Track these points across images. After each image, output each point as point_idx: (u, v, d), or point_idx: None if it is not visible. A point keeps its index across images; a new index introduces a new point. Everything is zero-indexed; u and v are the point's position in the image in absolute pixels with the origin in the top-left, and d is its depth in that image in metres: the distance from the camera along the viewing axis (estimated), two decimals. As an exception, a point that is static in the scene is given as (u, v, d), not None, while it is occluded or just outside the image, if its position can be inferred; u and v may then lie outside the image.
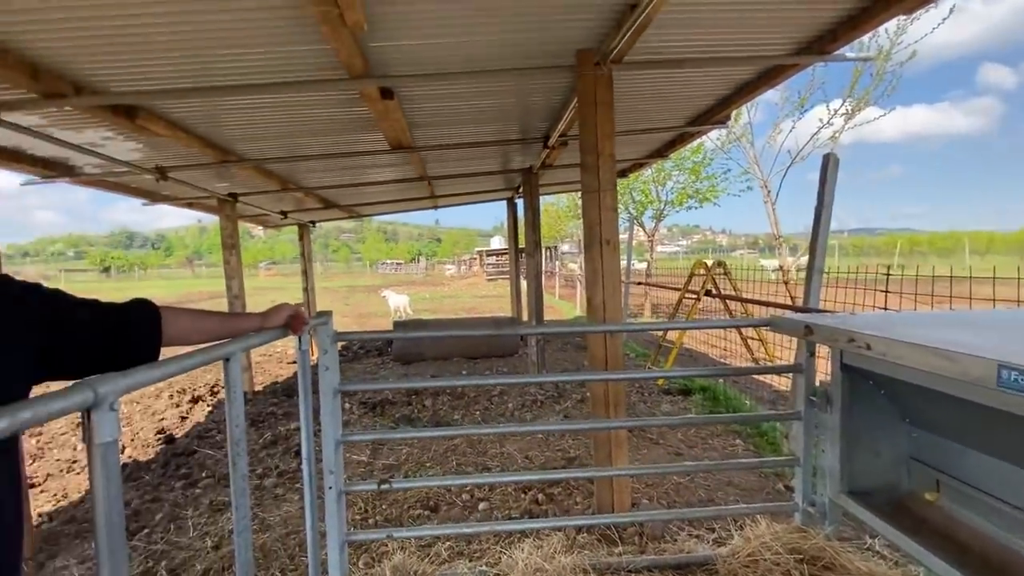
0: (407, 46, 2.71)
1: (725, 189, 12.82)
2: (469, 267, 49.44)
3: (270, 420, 5.18)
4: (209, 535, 2.97)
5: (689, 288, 6.25)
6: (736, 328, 6.45)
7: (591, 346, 2.73)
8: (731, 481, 3.46)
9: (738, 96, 4.21)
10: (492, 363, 7.56)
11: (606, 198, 2.66)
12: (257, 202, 6.91)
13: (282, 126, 3.96)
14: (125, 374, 0.85)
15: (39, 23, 2.12)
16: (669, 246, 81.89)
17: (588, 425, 1.97)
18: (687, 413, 5.01)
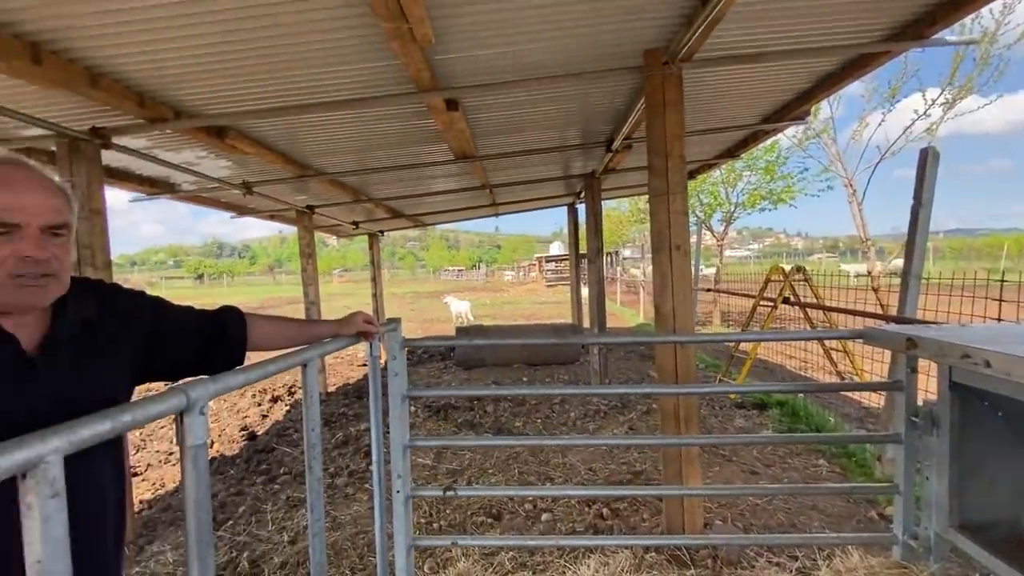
0: (472, 57, 2.75)
1: (802, 189, 12.00)
2: (528, 273, 49.59)
3: (341, 421, 5.41)
4: (286, 530, 3.13)
5: (765, 296, 5.88)
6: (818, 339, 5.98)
7: (660, 357, 2.61)
8: (815, 505, 3.19)
9: (819, 89, 3.92)
10: (553, 370, 7.49)
11: (676, 201, 2.55)
12: (331, 213, 7.30)
13: (355, 140, 4.15)
14: (214, 379, 0.90)
15: (146, 55, 2.35)
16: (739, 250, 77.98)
17: (659, 440, 1.87)
18: (763, 429, 4.69)
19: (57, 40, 2.14)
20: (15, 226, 0.85)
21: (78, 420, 0.65)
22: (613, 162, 5.38)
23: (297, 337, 1.42)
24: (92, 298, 1.03)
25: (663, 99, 2.60)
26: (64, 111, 2.85)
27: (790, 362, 7.66)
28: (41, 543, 0.58)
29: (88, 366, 0.96)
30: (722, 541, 2.28)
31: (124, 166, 4.25)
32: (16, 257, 0.84)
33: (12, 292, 0.85)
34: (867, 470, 3.69)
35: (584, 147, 5.06)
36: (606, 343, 6.44)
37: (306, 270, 7.08)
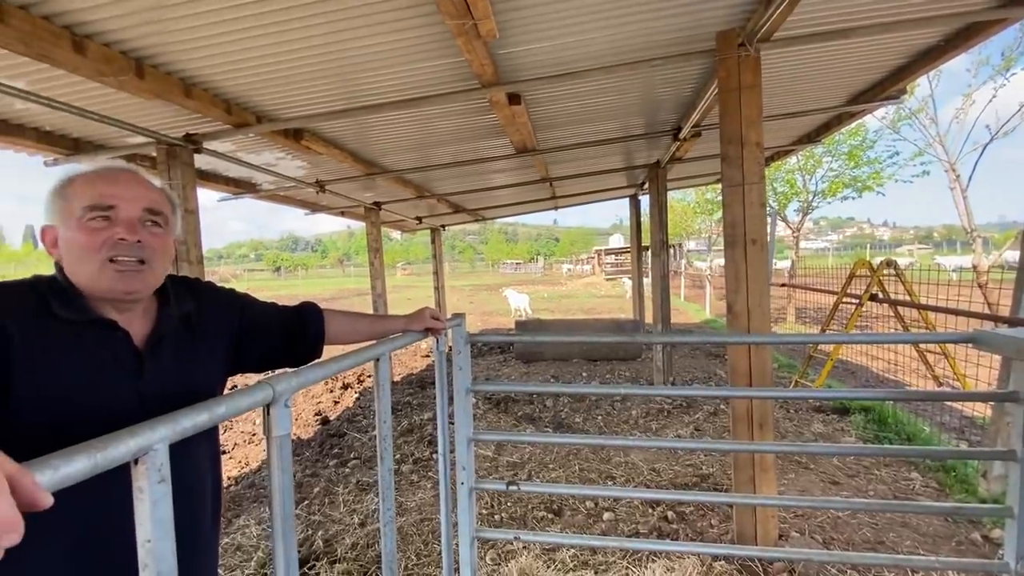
0: (535, 49, 2.71)
1: (892, 175, 10.97)
2: (588, 266, 48.95)
3: (406, 409, 5.61)
4: (356, 512, 3.29)
5: (848, 291, 5.43)
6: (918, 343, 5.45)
7: (732, 358, 2.48)
8: (906, 522, 2.92)
9: (917, 65, 3.55)
10: (614, 366, 7.35)
11: (751, 192, 2.40)
12: (396, 209, 7.55)
13: (419, 138, 4.25)
14: (297, 373, 0.94)
15: (232, 64, 2.52)
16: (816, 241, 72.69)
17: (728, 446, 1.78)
18: (845, 435, 4.36)
19: (157, 55, 2.34)
20: (111, 208, 0.91)
21: (180, 411, 0.69)
22: (680, 151, 5.16)
23: (369, 331, 1.47)
24: (189, 294, 1.10)
25: (738, 83, 2.45)
26: (162, 120, 3.12)
27: (875, 364, 7.06)
28: (151, 524, 0.63)
29: (188, 359, 1.04)
30: (803, 556, 2.14)
31: (213, 168, 4.61)
32: (112, 241, 0.90)
33: (111, 278, 0.90)
34: (969, 487, 3.33)
35: (649, 136, 4.89)
36: (671, 342, 6.22)
37: (373, 264, 7.38)
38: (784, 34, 2.65)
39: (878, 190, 11.19)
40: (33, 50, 1.93)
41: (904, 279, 5.17)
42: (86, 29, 2.06)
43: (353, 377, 7.45)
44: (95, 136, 3.45)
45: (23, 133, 3.12)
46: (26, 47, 1.90)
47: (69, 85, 2.52)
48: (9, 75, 2.36)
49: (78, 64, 2.09)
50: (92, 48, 2.10)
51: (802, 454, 3.72)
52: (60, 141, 3.36)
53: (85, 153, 3.51)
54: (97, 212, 0.90)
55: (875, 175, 10.98)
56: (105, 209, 0.91)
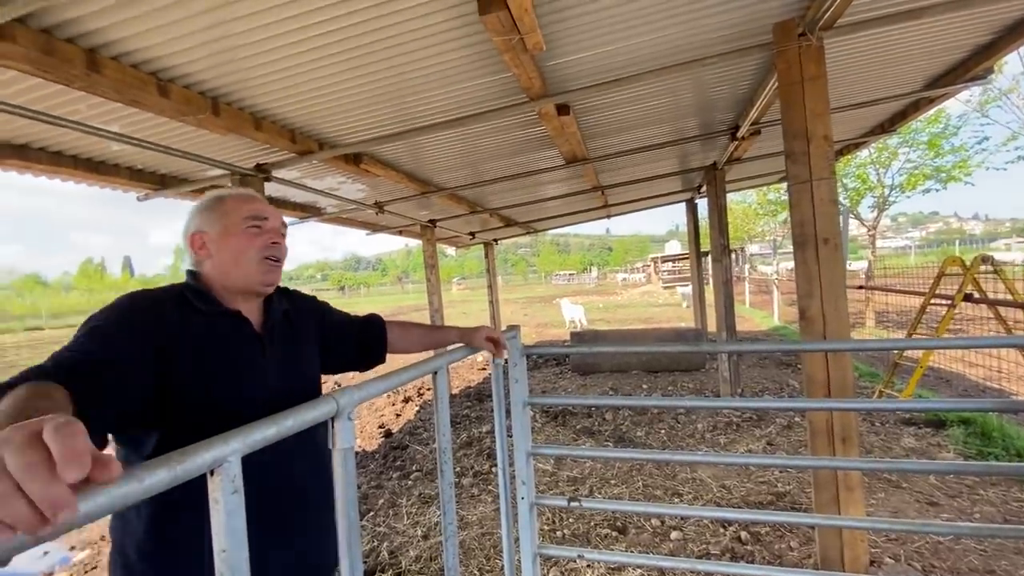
0: (582, 59, 2.70)
1: (982, 163, 9.98)
2: (642, 275, 47.79)
3: (465, 422, 5.65)
4: (419, 525, 3.33)
5: (937, 292, 4.96)
6: (1015, 343, 4.88)
7: (808, 367, 2.31)
8: (1020, 548, 2.59)
9: (1004, 42, 3.23)
10: (676, 377, 7.08)
11: (821, 189, 2.25)
12: (451, 226, 7.72)
13: (470, 155, 4.33)
14: (359, 388, 0.97)
15: (296, 96, 2.68)
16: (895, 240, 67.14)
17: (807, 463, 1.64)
18: (942, 451, 3.94)
19: (230, 93, 2.53)
20: (264, 219, 1.18)
21: (251, 425, 0.72)
22: (738, 151, 4.95)
23: (428, 342, 1.59)
24: (284, 296, 1.30)
25: (800, 75, 2.31)
26: (235, 152, 3.37)
27: (973, 371, 6.37)
28: (225, 534, 0.66)
29: (295, 350, 1.23)
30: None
31: (282, 195, 4.91)
32: (268, 243, 1.16)
33: (263, 270, 1.15)
34: (1101, 511, 2.91)
35: (704, 138, 4.73)
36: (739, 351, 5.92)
37: (430, 280, 7.56)
38: (848, 20, 2.50)
39: (966, 180, 10.21)
40: (125, 96, 2.14)
41: (1004, 276, 4.65)
42: (169, 74, 2.26)
43: (413, 390, 7.62)
44: (178, 171, 3.78)
45: (118, 172, 3.46)
46: (119, 94, 2.12)
47: (155, 126, 2.77)
48: (105, 120, 2.63)
49: (163, 107, 2.30)
50: (174, 91, 2.30)
51: (892, 471, 3.39)
52: (149, 177, 3.70)
53: (171, 187, 3.85)
54: (256, 221, 1.16)
55: (961, 164, 10.04)
56: (261, 220, 1.17)
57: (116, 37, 1.93)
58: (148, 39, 1.97)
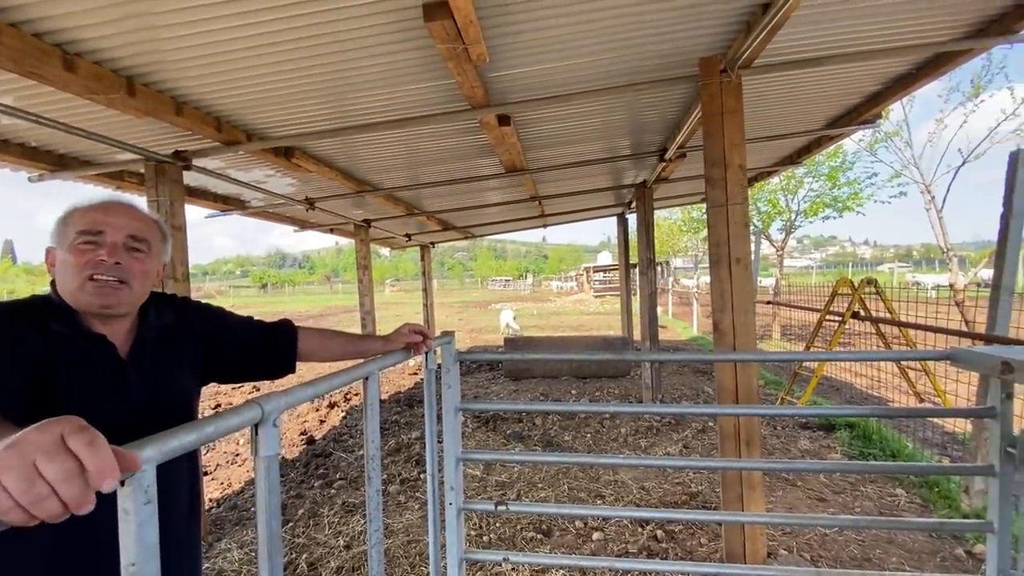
0: (524, 73, 2.78)
1: (870, 196, 11.28)
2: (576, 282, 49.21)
3: (394, 428, 5.54)
4: (342, 534, 3.22)
5: (830, 309, 5.53)
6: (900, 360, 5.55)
7: (719, 376, 2.51)
8: (892, 538, 2.94)
9: (890, 92, 3.69)
10: (603, 383, 7.36)
11: (735, 213, 2.46)
12: (386, 227, 7.56)
13: (409, 157, 4.29)
14: (286, 393, 0.94)
15: (224, 84, 2.54)
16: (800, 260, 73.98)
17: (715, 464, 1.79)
18: (830, 452, 4.39)
19: (149, 74, 2.35)
20: (100, 233, 1.03)
21: (168, 432, 0.69)
22: (665, 171, 5.27)
23: (343, 351, 1.51)
24: (168, 308, 1.21)
25: (721, 108, 2.52)
26: (151, 136, 3.12)
27: (859, 380, 7.15)
28: (136, 547, 0.62)
29: (167, 367, 1.14)
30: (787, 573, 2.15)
31: (202, 185, 4.59)
32: (94, 261, 1.02)
33: (89, 293, 1.01)
34: (953, 503, 3.37)
35: (635, 157, 4.99)
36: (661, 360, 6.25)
37: (362, 281, 7.35)
38: (764, 61, 2.75)
39: (858, 210, 11.48)
40: (22, 67, 1.93)
41: (884, 297, 5.29)
42: (78, 47, 2.07)
43: (340, 396, 7.35)
44: (82, 152, 3.43)
45: (7, 148, 3.09)
46: (15, 64, 1.91)
47: (58, 101, 2.51)
48: (-4, 91, 2.35)
49: (68, 81, 2.10)
50: (83, 66, 2.10)
51: (789, 471, 3.74)
52: (45, 157, 3.33)
53: (71, 169, 3.49)
54: (87, 236, 1.03)
55: (855, 196, 11.28)
56: (94, 234, 1.03)
57: (17, 2, 1.74)
58: (55, 7, 1.80)
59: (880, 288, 5.32)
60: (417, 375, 8.96)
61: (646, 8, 2.26)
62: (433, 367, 1.98)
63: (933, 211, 7.74)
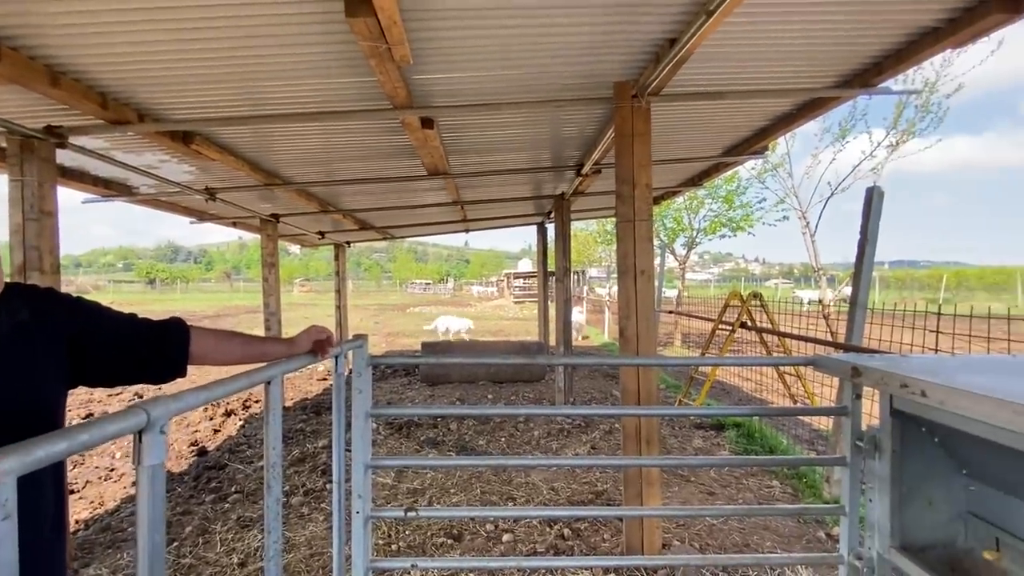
0: (448, 78, 2.79)
1: (760, 218, 12.59)
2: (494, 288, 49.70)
3: (298, 437, 5.24)
4: (236, 551, 3.00)
5: (723, 320, 6.09)
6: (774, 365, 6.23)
7: (623, 379, 2.67)
8: (768, 526, 3.29)
9: (776, 128, 4.16)
10: (518, 388, 7.49)
11: (641, 228, 2.64)
12: (297, 223, 7.16)
13: (326, 152, 4.12)
14: (175, 398, 0.88)
15: (113, 56, 2.29)
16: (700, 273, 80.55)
17: (620, 461, 1.91)
18: (720, 449, 4.82)
19: (18, 37, 2.06)
20: None
21: (32, 441, 0.62)
22: (582, 185, 5.51)
23: (243, 354, 1.39)
24: (24, 303, 1.06)
25: (631, 130, 2.71)
26: (18, 108, 2.73)
27: (746, 384, 7.92)
28: (-14, 571, 0.56)
29: (21, 368, 1.01)
30: (679, 561, 2.33)
31: (79, 166, 4.07)
32: None
33: None
34: (817, 491, 3.84)
35: (555, 169, 5.18)
36: (572, 364, 6.50)
37: (268, 280, 6.89)
38: (671, 91, 3.00)
39: (749, 230, 12.75)
40: None
41: (767, 309, 5.92)
42: (-78, -3, 1.77)
43: (238, 403, 6.82)
44: (-79, 118, 2.91)
45: None
46: None
47: None
48: None
49: (-93, 35, 1.79)
50: (-71, 19, 1.80)
51: (683, 467, 4.05)
52: None
53: (-95, 136, 2.94)
54: None
55: (746, 217, 12.51)
56: None
57: None
58: None
59: (764, 301, 5.95)
60: (327, 381, 8.55)
61: (568, 29, 2.37)
62: (343, 371, 1.92)
63: (807, 235, 8.82)
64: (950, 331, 3.66)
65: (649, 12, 2.24)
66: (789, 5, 2.29)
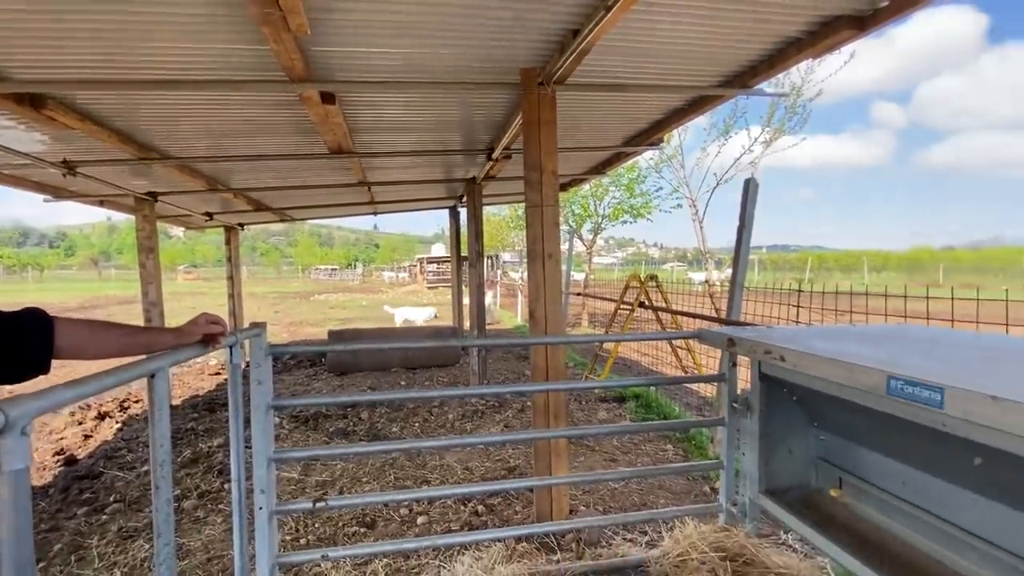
0: (351, 52, 2.67)
1: (657, 206, 13.52)
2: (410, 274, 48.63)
3: (189, 437, 4.82)
4: (118, 565, 2.72)
5: (624, 300, 6.51)
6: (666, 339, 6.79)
7: (533, 357, 2.78)
8: (663, 485, 3.63)
9: (670, 121, 4.48)
10: (432, 373, 7.46)
11: (548, 213, 2.74)
12: (180, 202, 6.46)
13: (213, 125, 3.75)
14: (39, 395, 0.79)
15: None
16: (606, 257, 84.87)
17: (528, 435, 2.01)
18: (622, 420, 5.20)
19: None
20: None
21: None
22: (493, 170, 5.55)
23: (122, 346, 1.25)
24: None
25: (538, 117, 2.78)
26: None
27: (644, 359, 8.56)
28: None
29: None
30: (584, 524, 2.51)
31: None
32: None
33: None
34: (704, 452, 4.29)
35: (466, 153, 5.15)
36: (484, 345, 6.60)
37: (145, 266, 6.17)
38: (576, 80, 3.10)
39: (648, 217, 13.64)
40: None
41: (662, 290, 6.43)
42: None
43: (113, 403, 6.09)
44: None
45: None
46: None
47: None
48: None
49: None
50: None
51: (589, 437, 4.32)
52: None
53: None
54: None
55: (646, 205, 13.37)
56: None
57: None
58: None
59: (659, 283, 6.45)
60: (220, 375, 7.91)
61: (473, 11, 2.36)
62: (239, 363, 1.81)
63: (696, 222, 9.64)
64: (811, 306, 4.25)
65: (553, 1, 2.30)
66: (679, 8, 2.46)
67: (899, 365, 1.39)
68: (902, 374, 1.30)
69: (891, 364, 1.40)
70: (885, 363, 1.42)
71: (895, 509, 1.90)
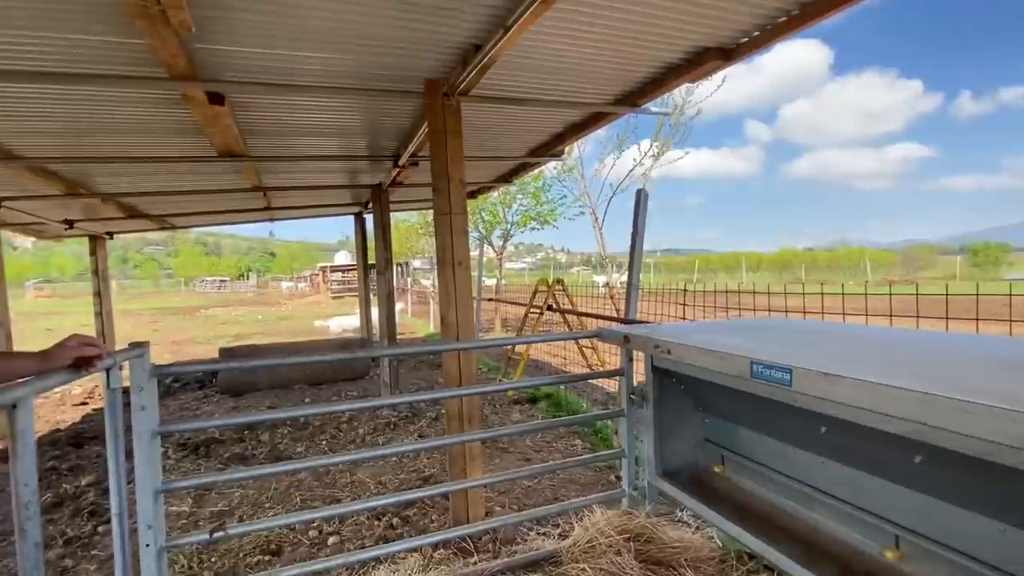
0: (244, 52, 2.52)
1: (562, 213, 14.16)
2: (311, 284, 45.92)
3: (50, 478, 4.18)
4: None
5: (533, 304, 6.73)
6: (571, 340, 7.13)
7: (446, 363, 2.80)
8: (573, 478, 3.81)
9: (569, 134, 4.74)
10: (340, 387, 7.14)
11: (457, 221, 2.79)
12: (30, 208, 5.60)
13: (74, 122, 3.33)
14: None
15: None
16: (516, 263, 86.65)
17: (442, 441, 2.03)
18: (534, 420, 5.36)
19: None
20: None
21: None
22: (400, 176, 5.48)
23: None
24: None
25: (444, 126, 2.83)
26: None
27: (555, 360, 8.89)
28: None
29: None
30: (499, 523, 2.58)
31: None
32: None
33: None
34: (609, 443, 4.57)
35: (370, 159, 5.04)
36: (395, 355, 6.46)
37: (-14, 283, 5.25)
38: (479, 92, 3.19)
39: (553, 224, 14.23)
40: None
41: (568, 293, 6.74)
42: None
43: (-56, 448, 5.10)
44: None
45: None
46: None
47: None
48: None
49: None
50: None
51: (503, 439, 4.41)
52: None
53: None
54: None
55: (551, 212, 13.93)
56: None
57: None
58: None
59: (565, 286, 6.77)
60: (86, 406, 6.95)
61: (371, 20, 2.35)
62: (118, 387, 1.65)
63: (597, 228, 10.26)
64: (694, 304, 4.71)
65: (455, 17, 2.36)
66: (576, 32, 2.64)
67: (760, 352, 1.62)
68: (761, 359, 1.53)
69: (754, 352, 1.63)
70: (749, 351, 1.65)
71: (766, 478, 2.20)
